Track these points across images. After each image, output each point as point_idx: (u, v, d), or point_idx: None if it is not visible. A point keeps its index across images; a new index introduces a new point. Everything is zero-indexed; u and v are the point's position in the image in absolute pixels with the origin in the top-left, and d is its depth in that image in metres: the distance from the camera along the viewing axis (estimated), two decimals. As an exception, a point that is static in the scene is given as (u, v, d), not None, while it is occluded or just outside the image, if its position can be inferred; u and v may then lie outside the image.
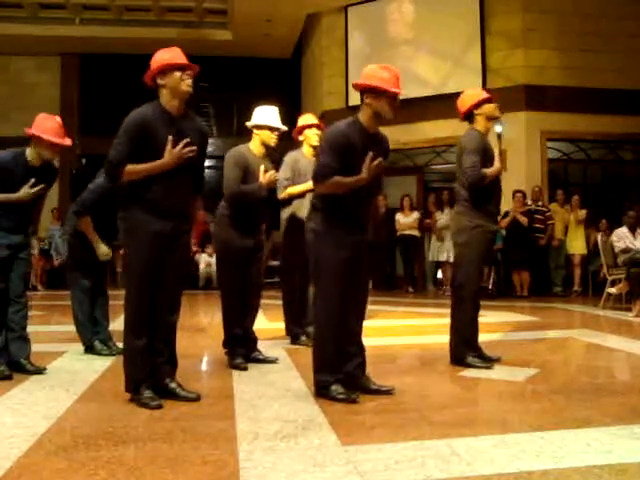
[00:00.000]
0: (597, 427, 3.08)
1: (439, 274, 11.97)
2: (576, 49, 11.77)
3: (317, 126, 5.60)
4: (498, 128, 11.67)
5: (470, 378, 4.32)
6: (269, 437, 2.92)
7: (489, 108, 4.83)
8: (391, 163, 5.40)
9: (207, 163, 14.06)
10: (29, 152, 4.39)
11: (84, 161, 15.97)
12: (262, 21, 13.75)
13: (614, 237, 8.85)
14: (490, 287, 10.85)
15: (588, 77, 11.67)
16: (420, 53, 12.63)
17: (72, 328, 5.23)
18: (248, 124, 4.93)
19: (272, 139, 4.84)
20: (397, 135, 10.61)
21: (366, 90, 3.75)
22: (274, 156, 5.04)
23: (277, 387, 3.97)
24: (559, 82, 11.64)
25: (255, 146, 4.89)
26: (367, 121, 3.78)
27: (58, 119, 4.51)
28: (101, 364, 4.66)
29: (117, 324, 5.00)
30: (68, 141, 4.48)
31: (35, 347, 4.63)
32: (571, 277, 11.10)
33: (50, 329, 6.85)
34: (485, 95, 4.86)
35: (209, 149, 13.74)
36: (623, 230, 8.83)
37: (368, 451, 2.73)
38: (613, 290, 8.69)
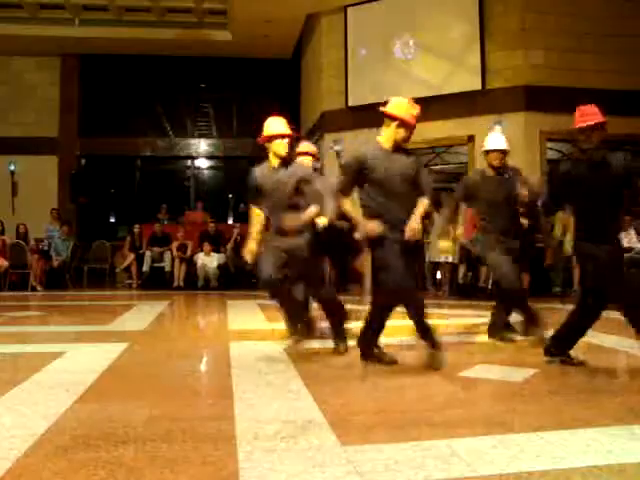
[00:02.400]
0: (596, 427, 3.08)
1: (438, 275, 11.94)
2: (575, 50, 11.78)
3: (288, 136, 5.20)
4: (498, 128, 11.71)
5: (469, 379, 4.32)
6: (269, 437, 2.92)
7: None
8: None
9: (207, 164, 14.22)
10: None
11: (83, 162, 15.97)
12: (262, 21, 13.75)
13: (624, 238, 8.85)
14: (489, 287, 10.84)
15: (587, 78, 11.68)
16: (419, 53, 12.63)
17: (72, 328, 5.21)
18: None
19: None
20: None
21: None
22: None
23: (276, 387, 3.97)
24: (558, 83, 11.64)
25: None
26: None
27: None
28: (101, 364, 4.66)
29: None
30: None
31: (34, 347, 4.64)
32: (571, 277, 11.09)
33: (49, 329, 6.85)
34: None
35: (209, 149, 13.87)
36: (629, 232, 8.84)
37: (368, 451, 2.73)
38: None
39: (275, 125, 5.06)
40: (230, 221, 15.84)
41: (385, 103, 4.76)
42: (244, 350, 5.36)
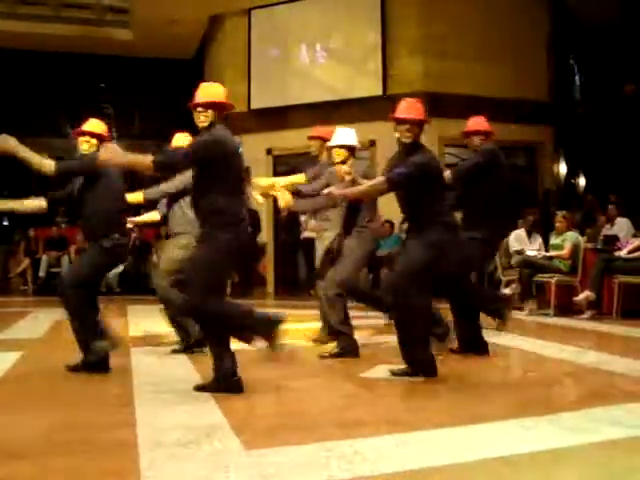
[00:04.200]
0: (491, 422, 3.21)
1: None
2: (474, 58, 12.24)
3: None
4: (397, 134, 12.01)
5: (371, 379, 4.40)
6: (171, 444, 2.88)
7: None
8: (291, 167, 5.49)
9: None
10: None
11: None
12: (164, 21, 13.53)
13: (512, 238, 9.25)
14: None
15: (484, 86, 12.16)
16: (323, 58, 12.78)
17: None
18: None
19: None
20: (301, 139, 10.68)
21: None
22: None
23: (178, 393, 3.91)
24: (456, 90, 12.07)
25: None
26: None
27: None
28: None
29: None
30: None
31: None
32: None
33: None
34: None
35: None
36: (520, 233, 9.25)
37: (271, 454, 2.73)
38: (507, 291, 9.07)
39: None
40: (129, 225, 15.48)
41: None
42: (145, 356, 5.25)
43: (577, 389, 4.36)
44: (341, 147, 5.29)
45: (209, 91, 4.04)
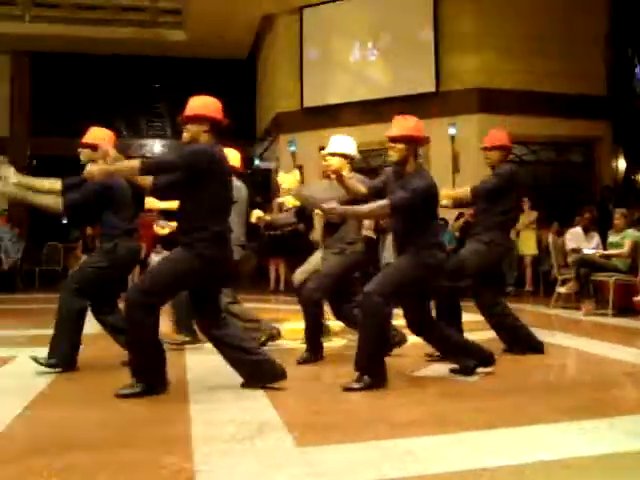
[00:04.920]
0: (548, 424, 3.15)
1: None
2: (528, 53, 12.02)
3: None
4: (451, 130, 11.88)
5: (424, 378, 4.37)
6: (225, 440, 2.91)
7: None
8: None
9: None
10: None
11: (34, 162, 15.64)
12: (217, 22, 13.67)
13: (568, 236, 9.05)
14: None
15: (539, 81, 11.94)
16: (375, 55, 12.73)
17: (22, 332, 5.09)
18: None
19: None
20: (353, 137, 10.67)
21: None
22: None
23: (232, 390, 3.95)
24: (511, 86, 11.88)
25: None
26: None
27: None
28: (51, 369, 4.56)
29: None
30: None
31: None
32: (523, 277, 11.31)
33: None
34: None
35: (163, 150, 13.80)
36: (577, 231, 9.05)
37: (325, 452, 2.74)
38: (563, 289, 8.88)
39: None
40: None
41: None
42: (200, 353, 5.32)
43: (638, 392, 4.24)
44: (334, 155, 4.98)
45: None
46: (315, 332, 4.99)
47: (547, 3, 12.26)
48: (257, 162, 13.71)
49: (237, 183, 5.53)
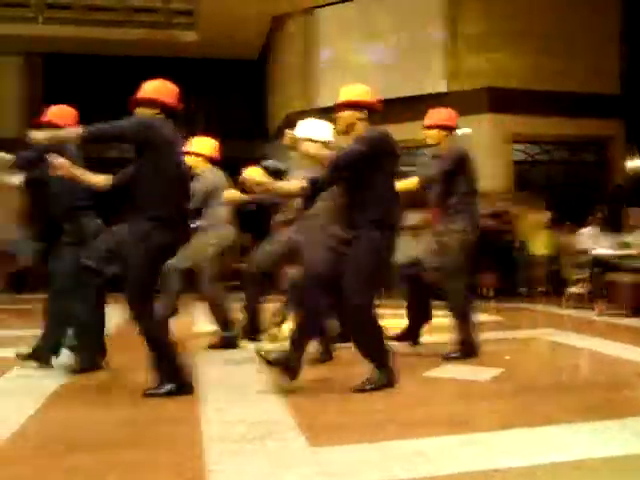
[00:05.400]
0: (560, 424, 3.13)
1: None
2: (538, 52, 11.96)
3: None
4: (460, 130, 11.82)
5: (435, 378, 4.36)
6: (236, 440, 2.91)
7: None
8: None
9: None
10: None
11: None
12: (228, 22, 13.70)
13: (580, 237, 9.00)
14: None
15: (551, 80, 11.87)
16: (385, 56, 12.71)
17: (36, 332, 5.11)
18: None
19: None
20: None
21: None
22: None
23: (243, 390, 3.96)
24: (522, 85, 11.82)
25: None
26: None
27: None
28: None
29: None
30: None
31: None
32: (536, 278, 11.25)
33: (12, 333, 6.72)
34: None
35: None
36: (590, 230, 9.00)
37: (336, 452, 2.74)
38: (574, 289, 8.84)
39: None
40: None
41: None
42: (212, 353, 5.33)
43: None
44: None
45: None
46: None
47: (557, 1, 12.19)
48: (267, 162, 13.63)
49: (218, 172, 5.64)
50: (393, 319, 5.40)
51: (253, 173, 5.23)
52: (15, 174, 4.55)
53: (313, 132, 4.84)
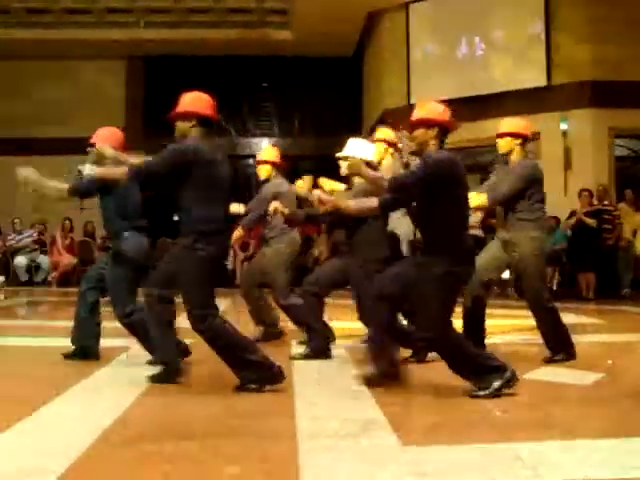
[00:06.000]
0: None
1: (505, 274, 11.46)
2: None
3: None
4: (563, 126, 11.42)
5: (535, 381, 4.22)
6: (329, 436, 2.92)
7: None
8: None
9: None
10: None
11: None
12: (322, 20, 13.76)
13: None
14: (554, 288, 10.63)
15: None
16: (483, 49, 12.44)
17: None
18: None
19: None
20: (461, 133, 10.45)
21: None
22: None
23: (337, 386, 3.97)
24: (627, 77, 11.29)
25: None
26: None
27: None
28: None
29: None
30: None
31: (102, 342, 4.78)
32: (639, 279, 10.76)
33: (115, 325, 6.99)
34: None
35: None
36: None
37: (429, 452, 2.70)
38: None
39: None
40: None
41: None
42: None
43: None
44: (347, 158, 4.73)
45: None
46: None
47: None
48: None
49: (279, 179, 5.86)
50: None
51: (303, 183, 5.32)
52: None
53: (358, 151, 4.79)
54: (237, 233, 5.85)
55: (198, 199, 3.85)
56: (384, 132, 5.41)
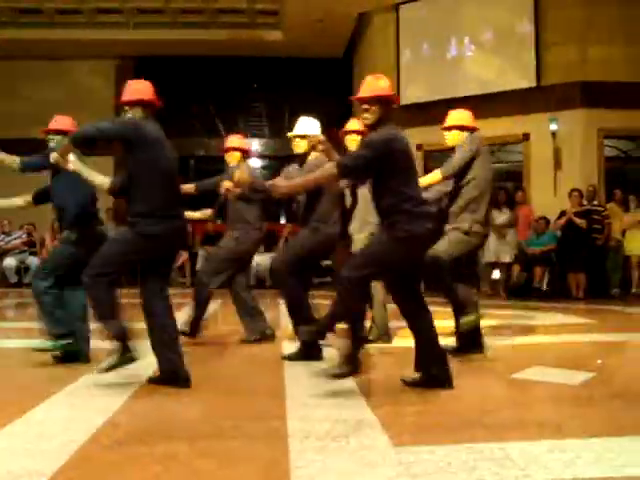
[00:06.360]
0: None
1: (496, 274, 11.51)
2: (635, 43, 11.44)
3: (358, 132, 5.57)
4: (553, 126, 11.47)
5: (525, 381, 4.24)
6: (320, 436, 2.92)
7: None
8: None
9: (259, 163, 14.25)
10: None
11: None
12: (313, 21, 13.78)
13: None
14: (545, 287, 10.68)
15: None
16: (473, 51, 12.47)
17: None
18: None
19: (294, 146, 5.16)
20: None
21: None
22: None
23: (327, 386, 3.97)
24: (616, 77, 11.34)
25: None
26: None
27: None
28: (155, 360, 4.72)
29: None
30: None
31: (92, 344, 4.77)
32: (629, 279, 10.81)
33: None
34: None
35: (261, 149, 13.95)
36: None
37: (419, 453, 2.70)
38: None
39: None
40: (282, 220, 15.91)
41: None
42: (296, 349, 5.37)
43: None
44: (301, 137, 5.08)
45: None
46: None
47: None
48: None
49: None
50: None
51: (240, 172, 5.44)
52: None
53: (312, 129, 5.10)
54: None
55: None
56: (355, 124, 5.68)
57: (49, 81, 15.63)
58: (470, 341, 4.95)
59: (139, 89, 4.29)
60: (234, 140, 6.20)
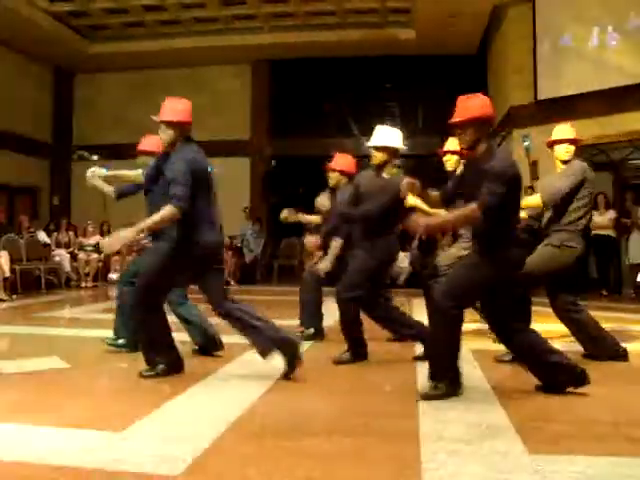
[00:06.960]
0: None
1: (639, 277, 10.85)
2: None
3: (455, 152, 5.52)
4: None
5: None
6: (453, 439, 2.88)
7: None
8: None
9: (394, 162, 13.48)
10: None
11: (274, 162, 16.69)
12: (446, 17, 13.53)
13: None
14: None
15: None
16: (616, 40, 11.78)
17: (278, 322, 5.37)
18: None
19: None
20: (590, 129, 9.95)
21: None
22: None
23: (463, 389, 3.89)
24: None
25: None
26: None
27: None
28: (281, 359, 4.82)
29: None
30: None
31: (226, 339, 4.95)
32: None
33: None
34: None
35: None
36: None
37: (557, 462, 2.59)
38: None
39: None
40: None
41: None
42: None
43: None
44: (379, 149, 4.67)
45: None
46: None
47: None
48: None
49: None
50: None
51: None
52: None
53: (389, 141, 4.73)
54: None
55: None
56: (454, 143, 5.35)
57: (187, 88, 16.39)
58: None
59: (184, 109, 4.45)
60: (339, 161, 5.96)
